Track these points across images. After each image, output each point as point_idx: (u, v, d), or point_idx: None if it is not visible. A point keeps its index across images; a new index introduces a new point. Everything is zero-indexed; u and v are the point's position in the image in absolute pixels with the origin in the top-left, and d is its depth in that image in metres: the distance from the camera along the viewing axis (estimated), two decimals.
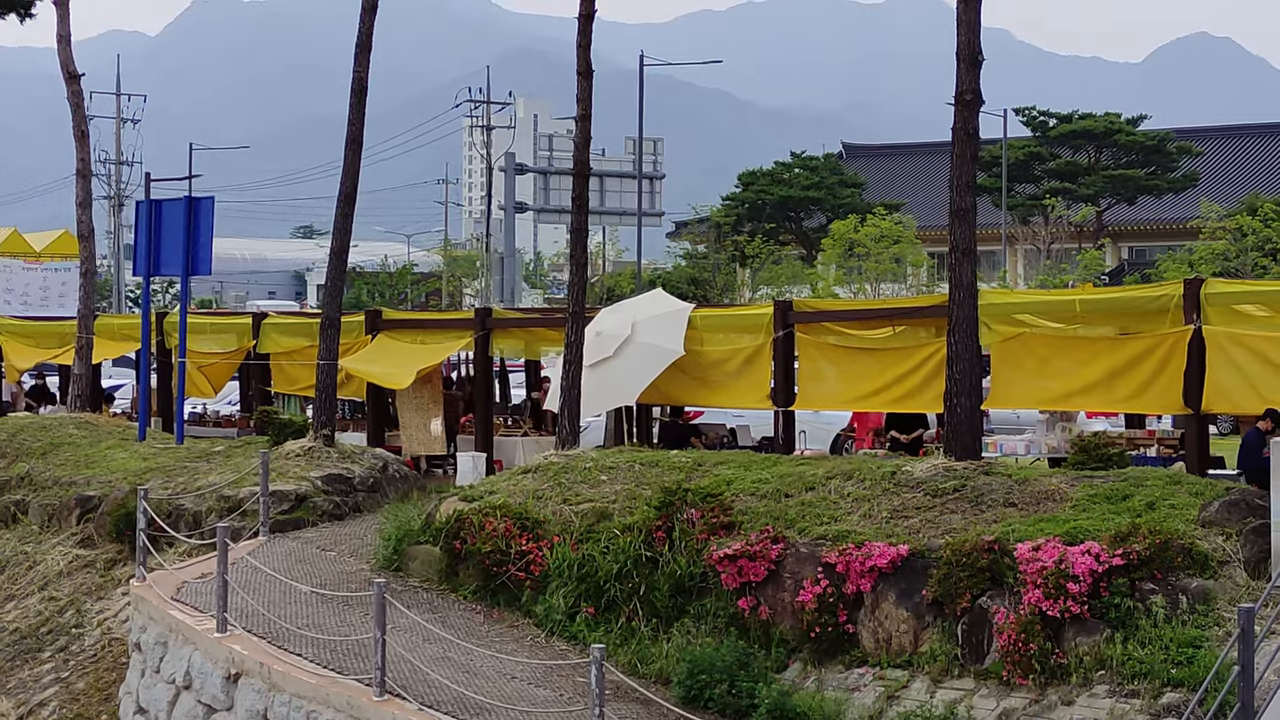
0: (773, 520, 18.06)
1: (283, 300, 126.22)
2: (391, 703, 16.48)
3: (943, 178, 70.38)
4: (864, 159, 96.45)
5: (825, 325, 24.02)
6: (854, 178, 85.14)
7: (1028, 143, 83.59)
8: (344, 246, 26.50)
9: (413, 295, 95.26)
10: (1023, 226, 76.52)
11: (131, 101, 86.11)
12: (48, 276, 63.02)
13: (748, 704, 16.21)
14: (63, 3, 32.95)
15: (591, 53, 23.10)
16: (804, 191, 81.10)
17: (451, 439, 29.04)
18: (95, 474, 27.14)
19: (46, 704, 21.70)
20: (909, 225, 67.08)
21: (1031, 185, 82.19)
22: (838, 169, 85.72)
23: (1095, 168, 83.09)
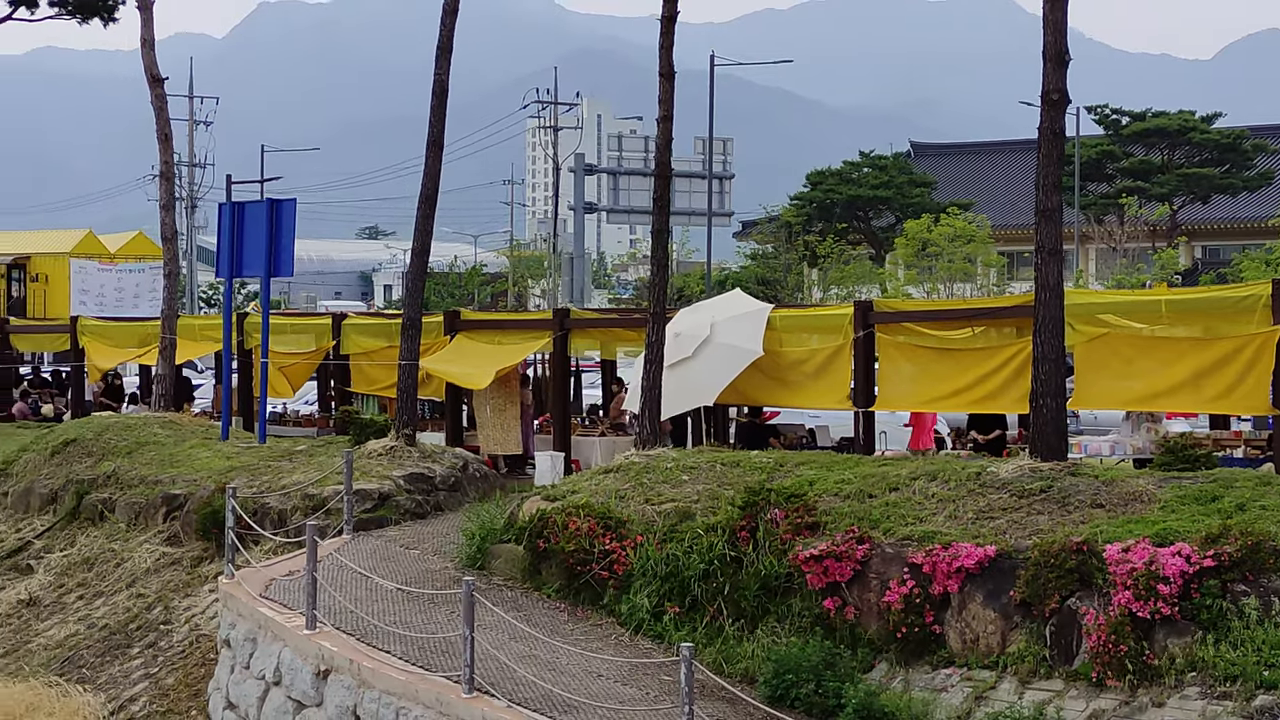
0: (857, 521, 18.10)
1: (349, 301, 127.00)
2: (480, 699, 16.62)
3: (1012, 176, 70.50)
4: (932, 158, 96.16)
5: (906, 326, 24.03)
6: (923, 177, 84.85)
7: (1100, 141, 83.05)
8: (425, 247, 26.70)
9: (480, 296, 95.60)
10: (1096, 226, 76.10)
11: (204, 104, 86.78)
12: (122, 277, 63.78)
13: (834, 704, 16.26)
14: (147, 7, 33.25)
15: (655, 53, 23.20)
16: (873, 191, 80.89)
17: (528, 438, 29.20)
18: (180, 473, 27.44)
19: (137, 699, 21.96)
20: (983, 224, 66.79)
21: (1104, 184, 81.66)
22: (907, 168, 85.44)
23: (1169, 166, 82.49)
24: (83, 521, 27.95)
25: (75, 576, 26.29)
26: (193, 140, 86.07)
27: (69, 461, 29.60)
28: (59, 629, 24.84)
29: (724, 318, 25.50)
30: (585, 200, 58.04)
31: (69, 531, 27.90)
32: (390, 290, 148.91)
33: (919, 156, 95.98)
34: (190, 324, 35.95)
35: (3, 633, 25.41)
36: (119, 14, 38.37)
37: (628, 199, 59.42)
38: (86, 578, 26.10)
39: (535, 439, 28.99)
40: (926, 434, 29.55)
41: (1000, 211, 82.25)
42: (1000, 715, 15.43)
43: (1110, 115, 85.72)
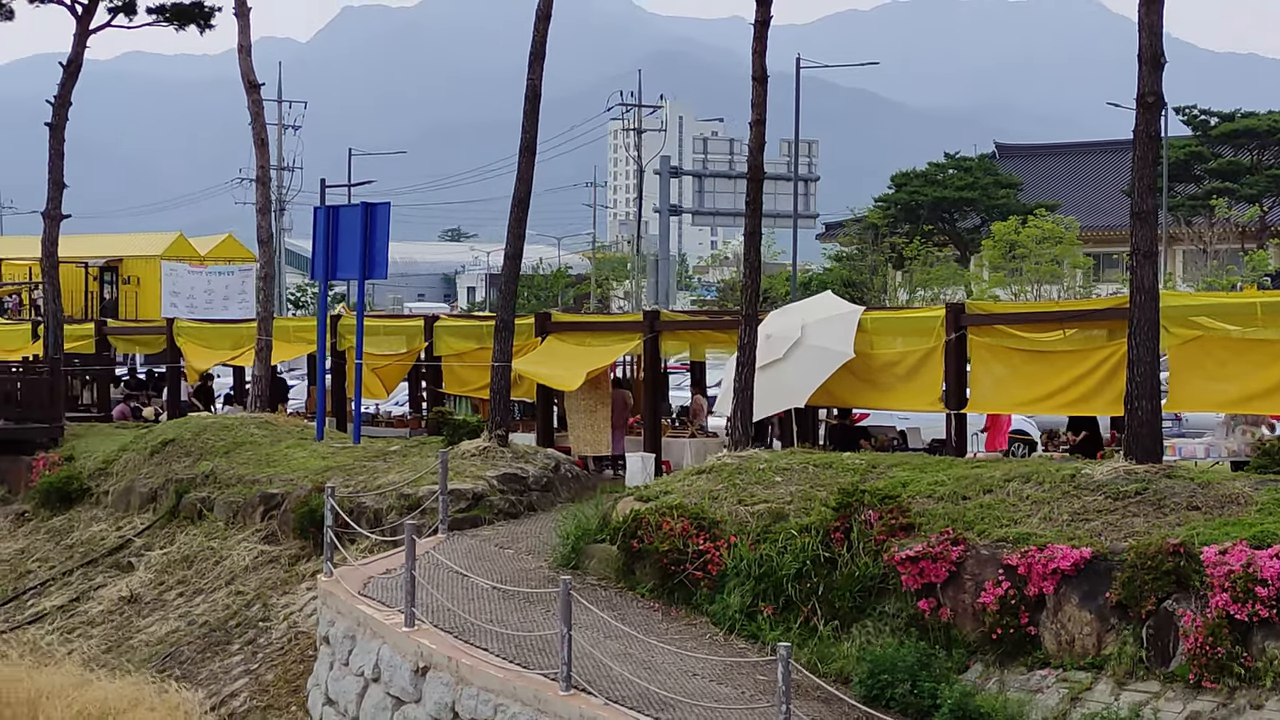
0: (951, 522, 18.17)
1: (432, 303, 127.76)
2: (578, 697, 16.82)
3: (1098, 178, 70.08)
4: (1017, 159, 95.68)
5: (998, 328, 24.04)
6: (1009, 178, 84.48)
7: (1188, 142, 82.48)
8: (518, 251, 26.96)
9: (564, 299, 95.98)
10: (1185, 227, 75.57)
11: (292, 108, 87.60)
12: (212, 280, 64.46)
13: (929, 704, 16.35)
14: (244, 14, 33.66)
15: (736, 56, 23.38)
16: (958, 192, 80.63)
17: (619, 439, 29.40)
18: (277, 472, 27.82)
19: (237, 695, 22.30)
20: (1071, 226, 66.45)
21: (1192, 185, 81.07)
22: (992, 169, 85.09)
23: (1258, 167, 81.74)
24: (182, 520, 28.39)
25: (175, 574, 26.72)
26: (281, 144, 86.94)
27: (168, 461, 30.07)
28: (160, 625, 25.25)
29: (815, 320, 25.60)
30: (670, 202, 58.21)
31: (168, 530, 28.35)
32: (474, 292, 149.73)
33: (1004, 158, 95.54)
34: (284, 325, 36.38)
35: (105, 629, 25.85)
36: (215, 20, 38.96)
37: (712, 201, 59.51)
38: (186, 575, 26.52)
39: (625, 440, 29.18)
40: (1002, 436, 29.58)
41: (1085, 213, 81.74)
42: (1096, 716, 15.47)
43: (1198, 116, 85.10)
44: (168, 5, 38.94)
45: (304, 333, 36.26)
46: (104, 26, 38.86)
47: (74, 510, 30.88)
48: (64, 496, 31.08)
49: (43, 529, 30.78)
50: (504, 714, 17.48)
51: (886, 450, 26.09)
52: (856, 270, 72.87)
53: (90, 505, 30.80)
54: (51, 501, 31.19)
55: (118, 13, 38.80)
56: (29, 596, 28.24)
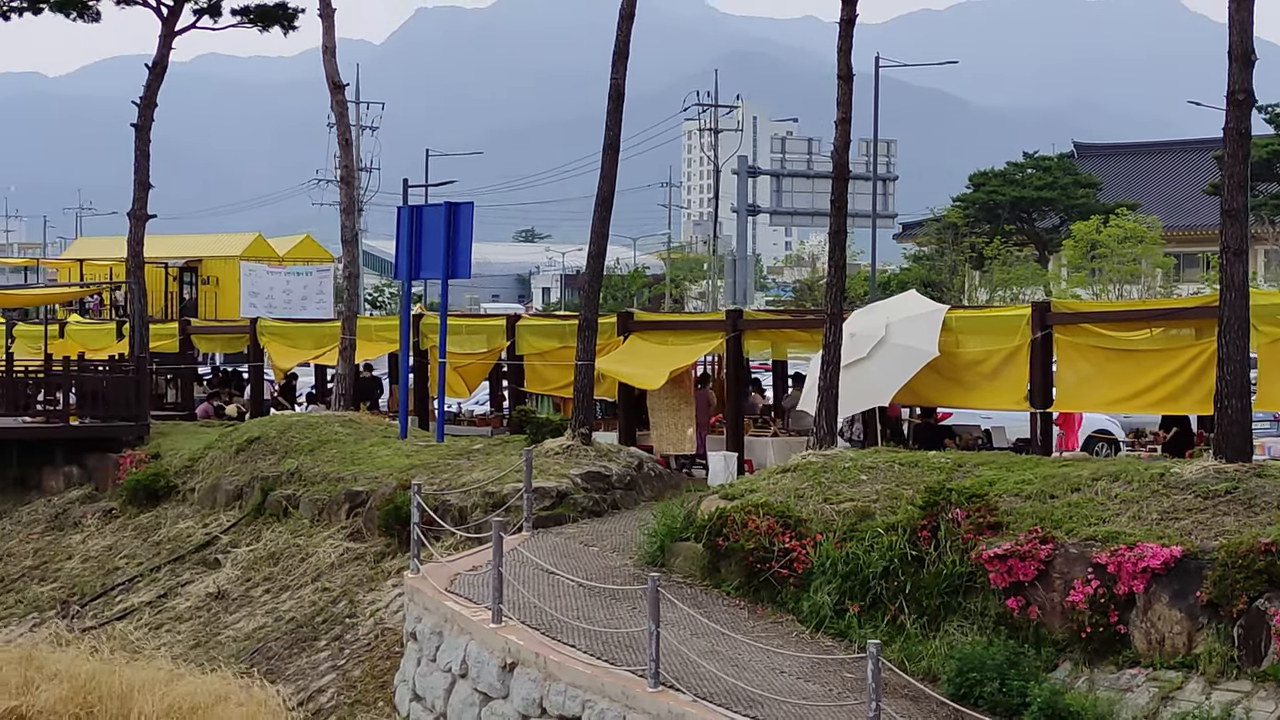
0: (1039, 521, 18.14)
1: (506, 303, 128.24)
2: (665, 693, 16.88)
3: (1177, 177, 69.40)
4: (1096, 158, 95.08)
5: (1084, 327, 23.95)
6: (1088, 178, 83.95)
7: (1270, 140, 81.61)
8: (601, 251, 27.06)
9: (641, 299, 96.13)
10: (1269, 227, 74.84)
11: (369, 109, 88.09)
12: (290, 280, 65.03)
13: (1018, 702, 16.33)
14: (328, 15, 33.86)
15: (811, 55, 23.38)
16: (1037, 192, 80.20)
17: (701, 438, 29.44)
18: (362, 470, 28.01)
19: (325, 690, 22.49)
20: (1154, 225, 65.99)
21: (1274, 184, 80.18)
22: (1071, 169, 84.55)
23: None
24: (267, 517, 28.63)
25: (261, 571, 26.96)
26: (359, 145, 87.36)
27: (253, 459, 30.33)
28: (247, 621, 25.49)
29: (899, 319, 25.59)
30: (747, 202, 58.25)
31: (254, 527, 28.60)
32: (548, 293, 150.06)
33: (1083, 157, 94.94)
34: (366, 325, 36.62)
35: (192, 625, 26.12)
36: (298, 22, 39.21)
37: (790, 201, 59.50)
38: (272, 572, 26.75)
39: (708, 439, 29.22)
40: (1073, 435, 29.45)
41: (1165, 212, 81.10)
42: (1187, 715, 15.43)
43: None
44: (252, 7, 39.26)
45: (386, 332, 36.50)
46: (189, 28, 39.17)
47: (160, 507, 31.19)
48: (151, 494, 31.40)
49: (130, 526, 31.12)
50: (592, 710, 17.57)
51: (971, 449, 26.03)
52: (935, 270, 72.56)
53: (176, 502, 31.11)
54: (138, 499, 31.51)
55: (202, 14, 39.11)
56: (117, 592, 28.57)
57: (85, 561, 30.34)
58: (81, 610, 28.32)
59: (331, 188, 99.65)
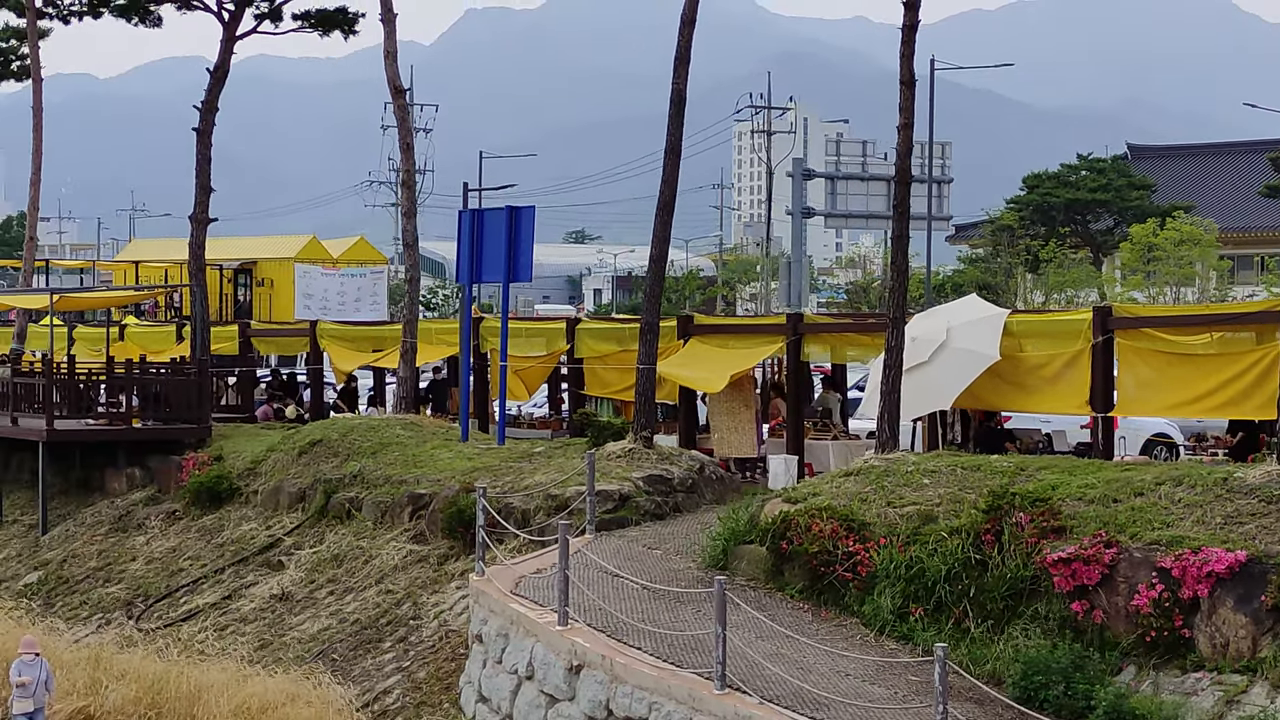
0: (1103, 525, 18.21)
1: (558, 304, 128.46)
2: (732, 696, 17.02)
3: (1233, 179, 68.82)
4: (1150, 160, 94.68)
5: (1146, 331, 23.99)
6: (1142, 180, 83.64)
7: None
8: (663, 254, 27.18)
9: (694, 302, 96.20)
10: None
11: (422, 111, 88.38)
12: (345, 282, 65.33)
13: (1084, 705, 16.43)
14: (390, 20, 34.02)
15: (861, 56, 23.45)
16: (1091, 194, 79.94)
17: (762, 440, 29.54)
18: (424, 473, 28.21)
19: (390, 692, 22.70)
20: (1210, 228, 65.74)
21: None
22: (1125, 170, 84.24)
23: None
24: (330, 519, 28.86)
25: (325, 572, 27.19)
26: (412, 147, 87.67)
27: (316, 461, 30.57)
28: (311, 623, 25.73)
29: (960, 322, 25.66)
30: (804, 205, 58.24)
31: (318, 529, 28.84)
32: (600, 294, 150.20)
33: (1136, 159, 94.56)
34: (426, 328, 36.77)
35: (257, 626, 26.38)
36: (359, 26, 39.47)
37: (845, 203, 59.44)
38: (336, 574, 26.98)
39: (768, 442, 29.33)
40: None
41: (1220, 214, 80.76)
42: (1252, 719, 15.48)
43: None
44: (313, 11, 39.55)
45: (446, 335, 36.69)
46: (250, 33, 39.47)
47: (224, 509, 31.46)
48: (214, 496, 31.67)
49: (193, 528, 31.41)
50: (659, 712, 17.72)
51: (1032, 453, 26.07)
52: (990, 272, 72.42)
53: (240, 504, 31.37)
54: (202, 500, 31.80)
55: (263, 19, 39.40)
56: (182, 594, 28.86)
57: (149, 563, 30.65)
58: (146, 612, 28.62)
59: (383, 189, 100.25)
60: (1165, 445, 31.50)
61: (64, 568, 32.04)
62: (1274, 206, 75.23)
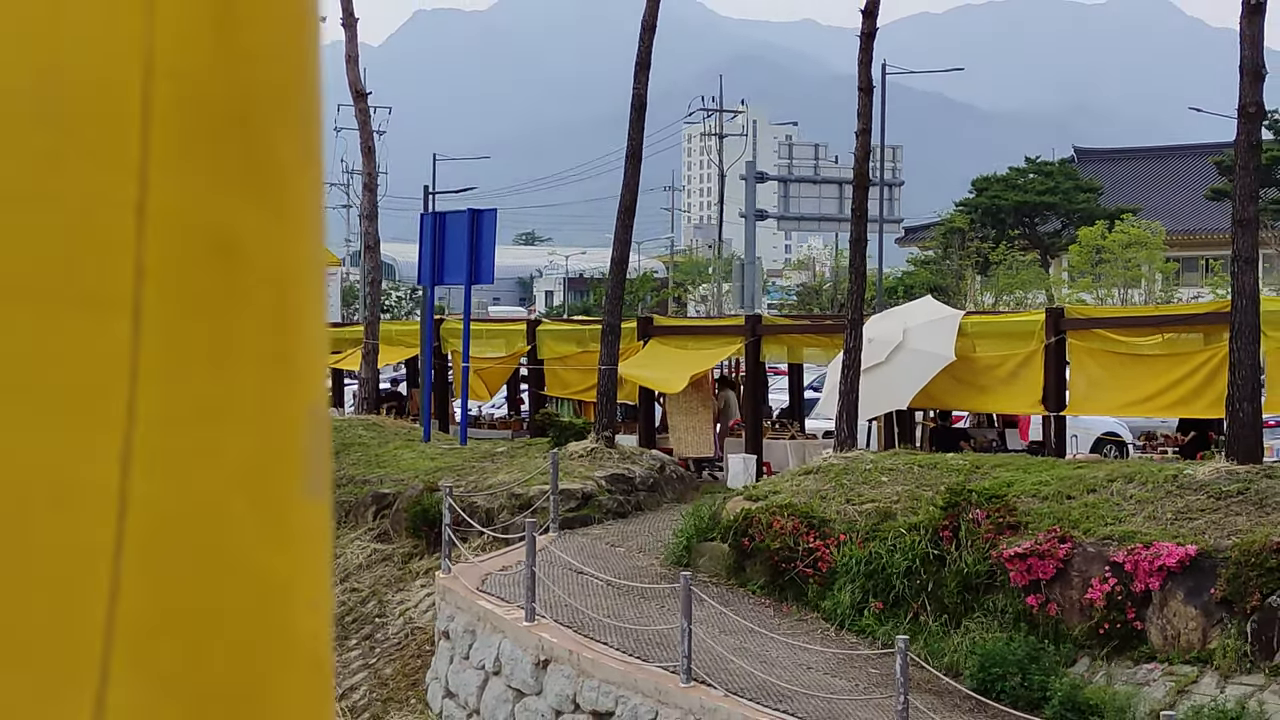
0: (1057, 521, 18.70)
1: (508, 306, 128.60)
2: (698, 689, 17.44)
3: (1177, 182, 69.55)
4: (1096, 163, 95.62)
5: (1097, 332, 24.55)
6: (1090, 182, 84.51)
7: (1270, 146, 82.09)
8: (624, 256, 27.63)
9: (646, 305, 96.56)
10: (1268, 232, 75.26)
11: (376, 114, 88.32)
12: None
13: (1040, 696, 16.90)
14: (351, 25, 34.43)
15: (809, 59, 23.93)
16: (1039, 196, 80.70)
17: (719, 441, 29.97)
18: (387, 473, 28.52)
19: (357, 688, 23.03)
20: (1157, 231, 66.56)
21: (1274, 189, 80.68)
22: (1073, 174, 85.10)
23: None
24: None
25: None
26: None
27: None
28: None
29: (916, 324, 26.17)
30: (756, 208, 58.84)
31: None
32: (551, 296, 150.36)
33: (1083, 162, 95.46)
34: (387, 330, 37.10)
35: None
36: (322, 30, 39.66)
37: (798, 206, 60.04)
38: None
39: (726, 441, 29.79)
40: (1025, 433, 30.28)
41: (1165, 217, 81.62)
42: (1202, 709, 15.97)
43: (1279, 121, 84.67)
44: None
45: (405, 336, 37.02)
46: None
47: None
48: None
49: None
50: (625, 706, 18.12)
51: (985, 452, 26.60)
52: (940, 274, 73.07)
53: None
54: None
55: None
56: None
57: None
58: None
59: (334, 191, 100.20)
60: (1115, 444, 32.08)
61: None
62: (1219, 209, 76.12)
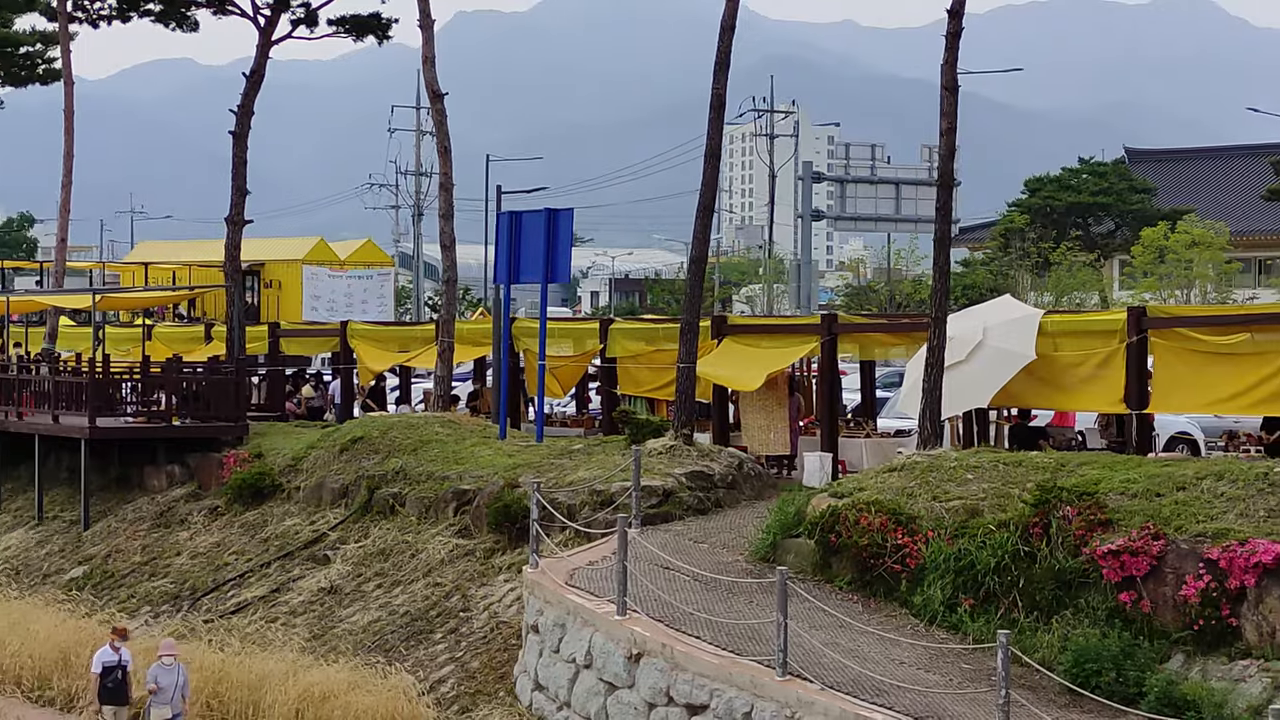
0: (1149, 518, 18.81)
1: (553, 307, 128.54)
2: (793, 682, 17.61)
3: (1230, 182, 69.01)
4: (1148, 164, 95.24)
5: (1179, 331, 24.58)
6: (1143, 183, 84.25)
7: None
8: (702, 255, 27.79)
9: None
10: None
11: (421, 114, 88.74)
12: (352, 284, 65.82)
13: (1135, 692, 17.03)
14: (428, 26, 34.56)
15: (850, 59, 23.98)
16: (1092, 197, 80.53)
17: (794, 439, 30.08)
18: (466, 469, 28.73)
19: (445, 681, 23.25)
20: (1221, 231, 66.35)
21: None
22: (1126, 174, 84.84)
23: None
24: (374, 515, 29.36)
25: (372, 566, 27.73)
26: (419, 150, 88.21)
27: (357, 458, 31.07)
28: (361, 615, 26.27)
29: (996, 322, 26.26)
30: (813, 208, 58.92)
31: (362, 524, 29.36)
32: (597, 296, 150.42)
33: (1134, 162, 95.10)
34: (459, 328, 37.27)
35: (307, 618, 26.90)
36: (392, 32, 40.03)
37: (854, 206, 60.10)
38: (383, 568, 27.52)
39: (801, 439, 29.91)
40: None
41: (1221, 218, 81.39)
42: None
43: None
44: (348, 17, 40.14)
45: (475, 335, 37.23)
46: (285, 38, 40.07)
47: (266, 505, 31.92)
48: (256, 492, 32.14)
49: (236, 523, 31.88)
50: (719, 699, 18.30)
51: (1066, 450, 26.67)
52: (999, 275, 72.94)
53: (282, 500, 31.84)
54: (244, 497, 32.27)
55: (299, 24, 39.97)
56: (229, 587, 29.37)
57: (194, 558, 31.14)
58: (194, 605, 29.15)
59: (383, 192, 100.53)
60: (1187, 444, 32.14)
61: (108, 562, 32.55)
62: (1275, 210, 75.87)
